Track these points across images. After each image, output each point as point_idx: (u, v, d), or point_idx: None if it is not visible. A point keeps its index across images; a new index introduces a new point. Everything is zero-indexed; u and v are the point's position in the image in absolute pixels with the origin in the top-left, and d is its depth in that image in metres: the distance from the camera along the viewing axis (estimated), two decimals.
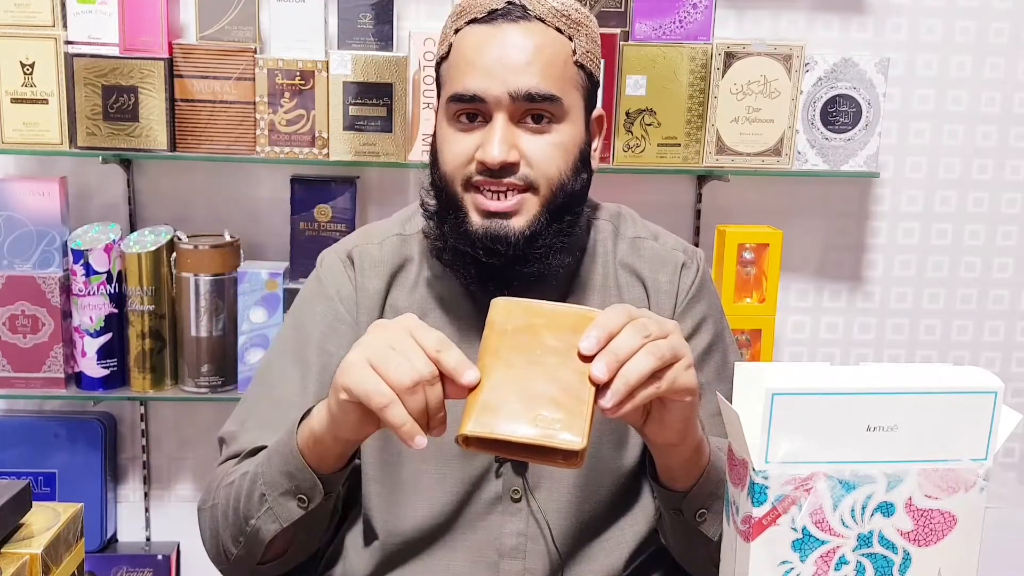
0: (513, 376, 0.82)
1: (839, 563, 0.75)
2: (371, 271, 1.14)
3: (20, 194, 1.80)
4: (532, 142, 1.04)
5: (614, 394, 0.81)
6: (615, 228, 1.18)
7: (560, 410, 0.80)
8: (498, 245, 1.03)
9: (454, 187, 1.06)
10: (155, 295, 1.82)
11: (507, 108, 1.02)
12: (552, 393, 0.81)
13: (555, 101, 1.03)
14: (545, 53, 1.03)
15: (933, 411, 0.73)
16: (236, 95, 1.78)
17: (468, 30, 1.05)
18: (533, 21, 1.04)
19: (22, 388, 1.83)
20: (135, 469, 2.06)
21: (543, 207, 1.04)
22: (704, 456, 0.97)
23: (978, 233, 2.09)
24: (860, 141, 1.87)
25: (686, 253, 1.17)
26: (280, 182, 1.94)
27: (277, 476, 0.97)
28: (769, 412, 0.71)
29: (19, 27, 1.75)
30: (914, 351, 2.11)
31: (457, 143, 1.05)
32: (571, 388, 0.81)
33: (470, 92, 1.03)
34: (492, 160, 1.01)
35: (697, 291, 1.16)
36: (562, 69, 1.04)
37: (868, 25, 2.00)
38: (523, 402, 0.80)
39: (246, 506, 1.00)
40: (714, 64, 1.82)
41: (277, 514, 0.98)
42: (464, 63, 1.04)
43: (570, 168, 1.06)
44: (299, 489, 0.96)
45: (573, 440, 0.79)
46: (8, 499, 0.79)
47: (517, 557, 1.09)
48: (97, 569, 1.95)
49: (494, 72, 1.02)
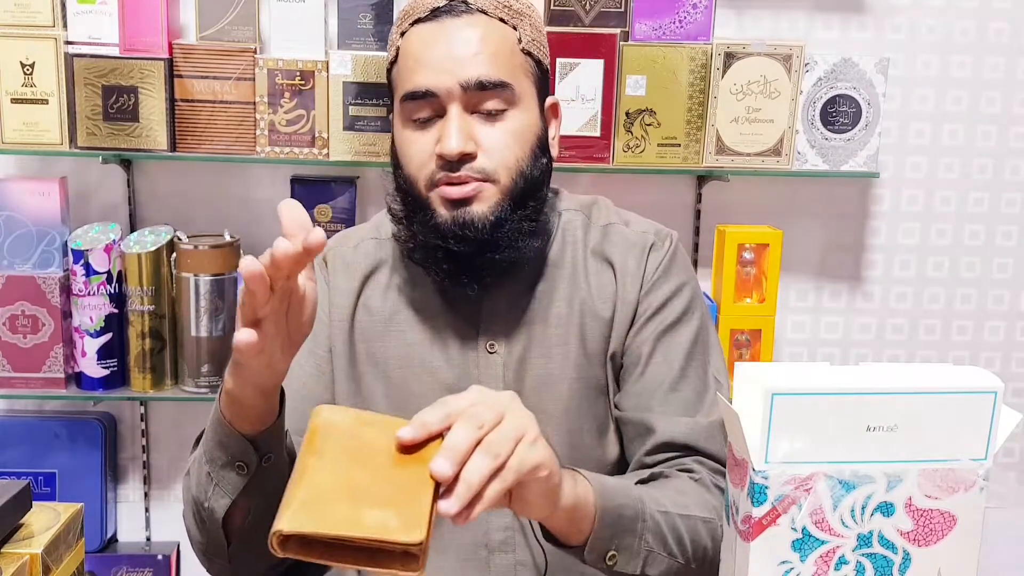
0: (340, 474, 0.73)
1: (839, 563, 0.75)
2: (343, 272, 1.16)
3: (20, 194, 1.80)
4: (488, 132, 1.05)
5: (458, 499, 0.75)
6: (586, 217, 1.18)
7: (393, 507, 0.71)
8: (465, 231, 1.04)
9: (418, 188, 1.07)
10: (155, 295, 1.82)
11: (460, 100, 1.04)
12: (385, 491, 0.72)
13: (506, 87, 1.05)
14: (491, 42, 1.05)
15: (933, 411, 0.73)
16: (236, 95, 1.78)
17: (413, 31, 1.07)
18: (476, 14, 1.06)
19: (22, 388, 1.83)
20: (135, 469, 2.06)
21: (504, 195, 1.05)
22: (587, 509, 0.93)
23: (978, 233, 2.09)
24: (860, 141, 1.87)
25: (657, 235, 1.17)
26: (280, 182, 1.94)
27: (214, 450, 0.95)
28: (769, 412, 0.71)
29: (19, 27, 1.75)
30: (914, 351, 2.11)
31: (415, 143, 1.07)
32: (405, 486, 0.73)
33: (422, 88, 1.04)
34: (450, 151, 1.02)
35: (666, 268, 1.14)
36: (509, 57, 1.06)
37: (868, 25, 2.00)
38: (352, 499, 0.71)
39: (199, 488, 0.99)
40: (714, 64, 1.82)
41: (223, 488, 0.96)
42: (412, 62, 1.06)
43: (527, 155, 1.07)
44: (235, 457, 0.94)
45: (411, 534, 0.69)
46: (8, 499, 0.79)
47: (506, 551, 1.09)
48: (97, 569, 1.95)
49: (443, 66, 1.04)
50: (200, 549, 1.06)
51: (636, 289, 1.13)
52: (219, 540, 1.01)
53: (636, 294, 1.13)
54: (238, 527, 1.01)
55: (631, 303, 1.13)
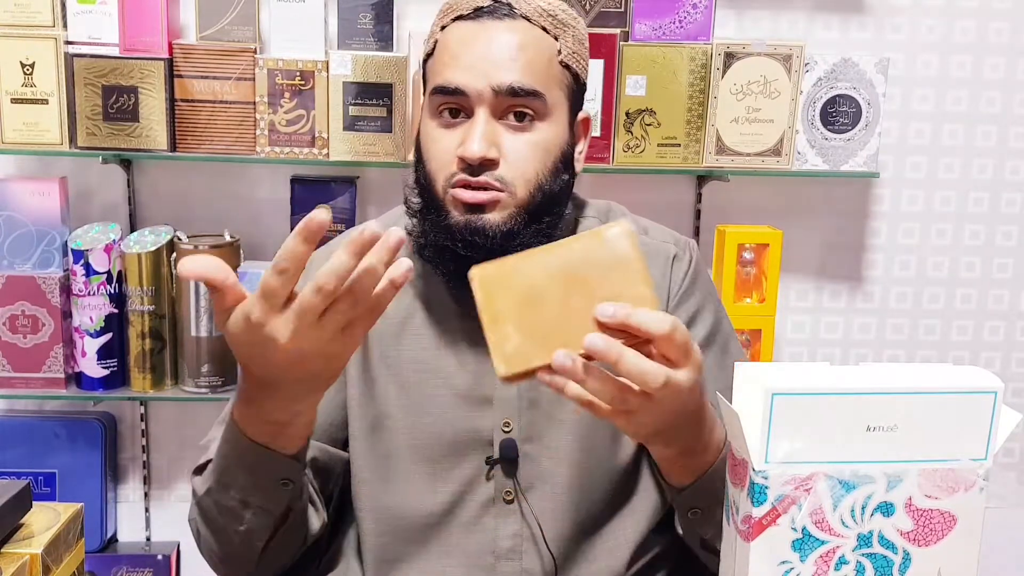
0: (512, 315, 0.80)
1: (839, 563, 0.75)
2: None
3: (20, 194, 1.80)
4: (512, 141, 1.04)
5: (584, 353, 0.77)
6: (602, 224, 1.17)
7: (530, 341, 0.78)
8: (476, 237, 1.03)
9: (436, 186, 1.06)
10: (155, 295, 1.82)
11: (489, 103, 1.03)
12: (544, 326, 0.79)
13: (538, 97, 1.03)
14: (529, 50, 1.04)
15: (933, 411, 0.73)
16: (236, 95, 1.79)
17: (453, 27, 1.06)
18: (518, 19, 1.04)
19: (22, 388, 1.83)
20: (135, 469, 2.06)
21: (520, 208, 1.04)
22: (703, 460, 0.94)
23: (978, 233, 2.09)
24: (860, 141, 1.88)
25: (677, 245, 1.17)
26: (280, 182, 1.94)
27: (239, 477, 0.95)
28: (769, 412, 0.71)
29: (19, 27, 1.75)
30: (914, 351, 2.11)
31: (439, 140, 1.06)
32: (559, 326, 0.78)
33: (452, 85, 1.03)
34: (472, 155, 1.01)
35: (691, 282, 1.15)
36: (546, 67, 1.05)
37: (868, 25, 2.00)
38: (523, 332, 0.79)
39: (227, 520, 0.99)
40: (714, 64, 1.82)
41: (267, 508, 0.97)
42: (448, 57, 1.05)
43: (548, 169, 1.05)
44: (278, 476, 0.95)
45: (503, 367, 0.78)
46: (8, 499, 0.79)
47: (513, 559, 1.08)
48: (97, 569, 1.95)
49: (477, 67, 1.03)
50: (219, 560, 1.06)
51: (663, 300, 1.13)
52: (253, 557, 1.02)
53: (664, 306, 1.13)
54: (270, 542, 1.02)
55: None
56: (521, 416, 1.09)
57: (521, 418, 1.09)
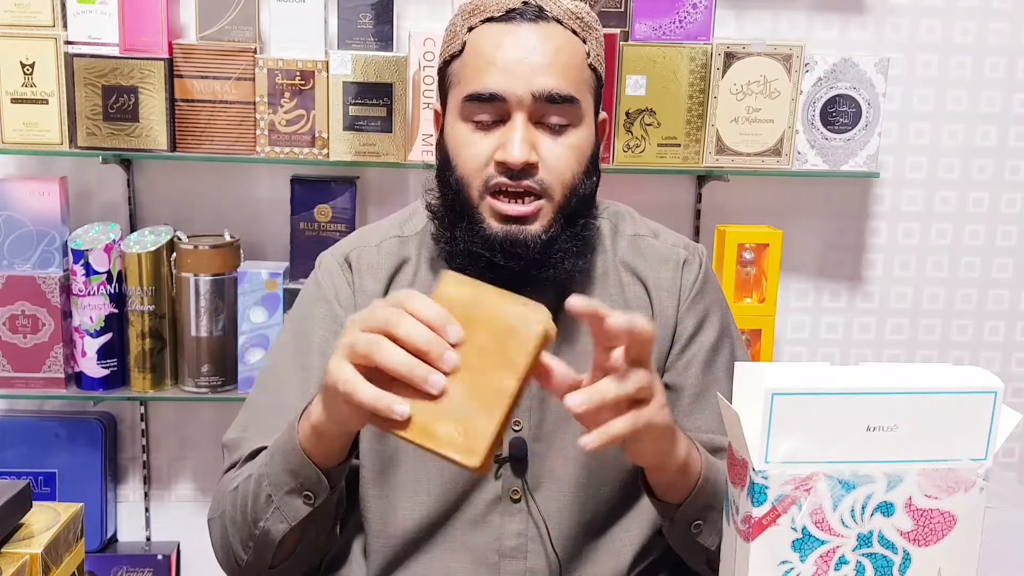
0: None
1: (839, 563, 0.75)
2: (368, 273, 1.13)
3: (20, 194, 1.80)
4: (550, 145, 1.03)
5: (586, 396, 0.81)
6: (614, 225, 1.17)
7: (463, 423, 0.76)
8: (517, 249, 1.02)
9: (470, 191, 1.04)
10: (155, 295, 1.82)
11: (527, 108, 1.02)
12: (464, 401, 0.76)
13: (574, 103, 1.03)
14: (564, 55, 1.03)
15: (933, 411, 0.73)
16: (236, 95, 1.79)
17: (484, 28, 1.04)
18: (551, 22, 1.03)
19: (22, 388, 1.83)
20: (135, 469, 2.06)
21: (557, 212, 1.04)
22: (693, 473, 0.96)
23: (978, 233, 2.09)
24: (860, 141, 1.88)
25: (687, 249, 1.17)
26: (280, 182, 1.94)
27: (281, 475, 0.96)
28: (769, 412, 0.71)
29: (19, 27, 1.75)
30: (914, 351, 2.11)
31: (474, 145, 1.04)
32: (485, 395, 0.76)
33: (490, 91, 1.02)
34: (514, 161, 1.00)
35: (700, 288, 1.15)
36: (579, 71, 1.04)
37: (868, 25, 2.00)
38: (430, 408, 0.77)
39: (253, 509, 0.99)
40: (714, 64, 1.82)
41: (285, 513, 0.97)
42: (483, 61, 1.03)
43: (582, 171, 1.05)
44: (304, 486, 0.96)
45: (470, 457, 0.75)
46: (8, 499, 0.79)
47: (518, 558, 1.08)
48: (97, 569, 1.95)
49: (515, 71, 1.01)
50: (235, 561, 1.05)
51: (674, 304, 1.13)
52: (266, 560, 1.02)
53: (674, 309, 1.13)
54: (288, 550, 1.02)
55: (670, 316, 1.13)
56: (531, 415, 1.09)
57: (532, 417, 1.09)
